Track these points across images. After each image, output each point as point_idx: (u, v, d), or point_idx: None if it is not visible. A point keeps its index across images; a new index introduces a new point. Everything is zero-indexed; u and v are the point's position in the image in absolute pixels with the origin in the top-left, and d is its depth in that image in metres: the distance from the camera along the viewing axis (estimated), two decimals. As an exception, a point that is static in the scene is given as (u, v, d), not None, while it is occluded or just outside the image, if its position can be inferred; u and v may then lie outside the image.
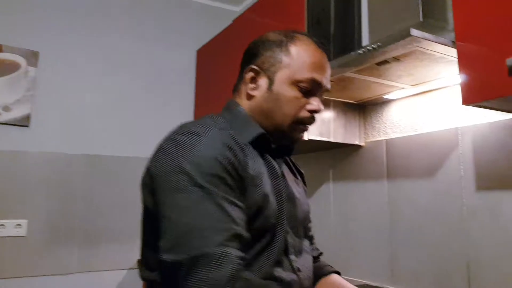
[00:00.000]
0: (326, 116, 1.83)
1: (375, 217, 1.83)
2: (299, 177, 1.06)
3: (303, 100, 0.90)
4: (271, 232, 0.83)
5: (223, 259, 0.68)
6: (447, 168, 1.57)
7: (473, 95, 1.13)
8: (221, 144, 0.78)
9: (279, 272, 0.82)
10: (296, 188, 0.96)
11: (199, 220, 0.70)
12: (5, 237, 2.06)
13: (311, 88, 0.90)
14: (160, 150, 0.79)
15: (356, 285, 0.96)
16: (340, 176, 2.03)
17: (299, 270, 0.87)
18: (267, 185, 0.84)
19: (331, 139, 1.83)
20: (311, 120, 0.92)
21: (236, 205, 0.75)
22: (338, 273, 1.05)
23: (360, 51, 1.25)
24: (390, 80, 1.53)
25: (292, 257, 0.87)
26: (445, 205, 1.56)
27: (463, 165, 1.51)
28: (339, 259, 1.95)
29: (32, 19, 2.32)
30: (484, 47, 1.11)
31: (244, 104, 0.92)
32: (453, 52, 1.22)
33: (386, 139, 1.83)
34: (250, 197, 0.79)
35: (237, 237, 0.72)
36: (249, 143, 0.86)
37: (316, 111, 0.91)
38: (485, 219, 1.43)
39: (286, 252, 0.85)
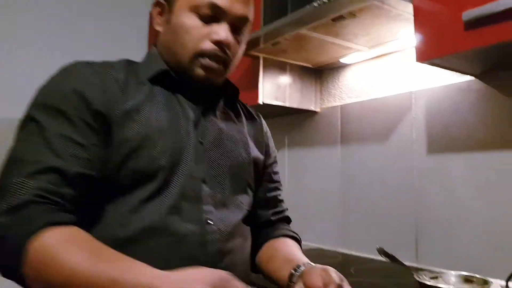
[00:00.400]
0: (282, 80, 1.78)
1: (328, 182, 1.82)
2: (247, 126, 0.98)
3: (205, 29, 0.80)
4: (162, 175, 0.75)
5: (17, 189, 0.62)
6: (400, 132, 1.56)
7: (428, 52, 1.11)
8: (78, 79, 0.73)
9: (173, 221, 0.74)
10: (230, 136, 0.89)
11: (20, 153, 0.67)
12: None
13: (213, 15, 0.80)
14: None
15: (308, 249, 0.93)
16: (295, 142, 2.00)
17: (208, 222, 0.78)
18: (154, 124, 0.76)
19: (287, 104, 1.79)
20: (216, 52, 0.81)
21: (72, 140, 0.68)
22: (296, 239, 0.99)
23: (315, 4, 1.20)
24: (346, 40, 1.48)
25: (207, 207, 0.79)
26: (397, 168, 1.56)
27: (415, 129, 1.51)
28: (291, 224, 1.94)
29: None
30: (440, 2, 1.08)
31: (157, 42, 0.88)
32: (410, 8, 1.19)
33: (341, 105, 1.80)
34: (120, 133, 0.73)
35: (52, 170, 0.65)
36: (149, 80, 0.81)
37: (220, 42, 0.80)
38: (434, 180, 1.44)
39: (195, 200, 0.78)
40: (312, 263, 0.78)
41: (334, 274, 0.70)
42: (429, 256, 1.42)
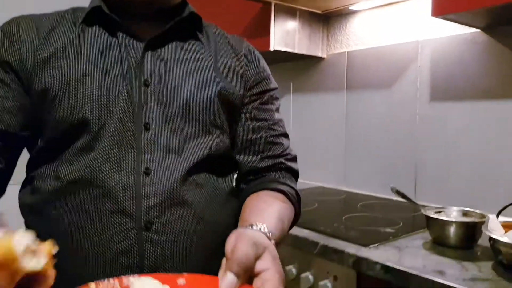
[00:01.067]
0: (292, 26, 1.82)
1: (332, 127, 1.93)
2: (216, 56, 0.83)
3: None
4: (93, 125, 0.70)
5: None
6: (405, 80, 1.66)
7: (444, 7, 1.18)
8: None
9: (103, 172, 0.69)
10: (185, 71, 0.77)
11: None
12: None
13: None
14: None
15: (313, 188, 0.92)
16: (301, 88, 2.08)
17: (147, 172, 0.70)
18: (76, 69, 0.71)
19: (296, 50, 1.84)
20: None
21: None
22: (283, 192, 0.79)
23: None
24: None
25: (148, 156, 0.71)
26: (399, 114, 1.68)
27: (420, 77, 1.61)
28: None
29: None
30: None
31: None
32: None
33: (348, 51, 1.87)
34: (39, 83, 0.71)
35: None
36: (84, 23, 0.76)
37: None
38: (436, 127, 1.56)
39: (132, 149, 0.71)
40: (260, 229, 0.61)
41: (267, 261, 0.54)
42: (427, 195, 1.58)
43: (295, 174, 0.88)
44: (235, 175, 0.87)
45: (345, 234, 1.17)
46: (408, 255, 1.02)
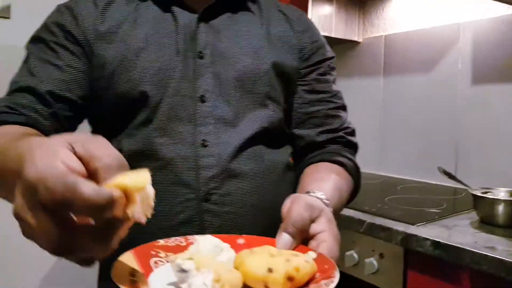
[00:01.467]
0: (329, 10, 1.82)
1: (368, 112, 1.93)
2: (271, 27, 0.81)
3: None
4: (151, 99, 0.71)
5: None
6: (445, 63, 1.64)
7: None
8: (60, 9, 0.76)
9: (161, 145, 0.70)
10: (239, 42, 0.77)
11: (11, 80, 0.75)
12: None
13: None
14: None
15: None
16: (338, 73, 2.07)
17: (204, 144, 0.71)
18: (133, 43, 0.72)
19: (332, 35, 1.85)
20: None
21: (49, 62, 0.73)
22: (342, 164, 0.78)
23: None
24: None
25: (204, 128, 0.71)
26: (439, 97, 1.66)
27: (461, 59, 1.59)
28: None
29: None
30: None
31: None
32: None
33: (385, 35, 1.86)
34: (99, 57, 0.73)
35: (24, 89, 0.71)
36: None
37: None
38: (476, 109, 1.55)
39: (189, 121, 0.71)
40: (317, 196, 0.62)
41: (322, 222, 0.55)
42: (468, 178, 1.57)
43: (354, 148, 0.87)
44: (291, 149, 0.85)
45: (391, 213, 1.18)
46: (457, 232, 1.03)
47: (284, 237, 0.53)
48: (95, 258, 0.38)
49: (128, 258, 0.48)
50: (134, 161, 0.67)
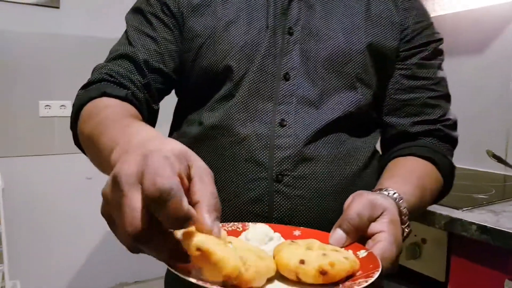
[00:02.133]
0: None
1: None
2: (372, 4, 0.75)
3: None
4: (235, 74, 0.70)
5: (96, 70, 0.74)
6: (498, 44, 1.56)
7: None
8: None
9: (238, 121, 0.70)
10: (332, 19, 0.73)
11: (112, 47, 0.78)
12: (52, 117, 2.14)
13: None
14: None
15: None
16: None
17: (282, 124, 0.69)
18: (223, 17, 0.72)
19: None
20: None
21: (145, 34, 0.74)
22: (433, 161, 0.72)
23: None
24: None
25: (285, 107, 0.69)
26: (491, 80, 1.59)
27: (516, 40, 1.51)
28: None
29: None
30: None
31: None
32: None
33: (435, 16, 1.79)
34: (190, 30, 0.73)
35: (122, 57, 0.73)
36: None
37: None
38: (532, 93, 1.46)
39: (269, 99, 0.70)
40: (389, 194, 0.58)
41: (385, 221, 0.52)
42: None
43: (453, 143, 0.79)
44: (379, 137, 0.80)
45: (435, 198, 1.15)
46: (506, 218, 0.98)
47: (337, 233, 0.51)
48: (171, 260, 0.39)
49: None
50: (212, 135, 0.71)
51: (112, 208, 0.38)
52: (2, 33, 1.92)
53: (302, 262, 0.43)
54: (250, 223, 0.56)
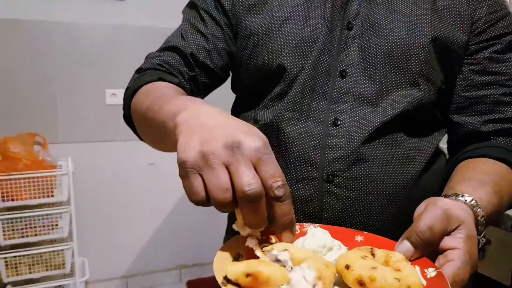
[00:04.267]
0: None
1: None
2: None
3: None
4: (289, 72, 0.69)
5: (149, 59, 0.77)
6: None
7: None
8: None
9: (289, 120, 0.69)
10: (395, 12, 0.68)
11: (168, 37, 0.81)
12: (118, 105, 2.25)
13: None
14: None
15: None
16: None
17: (336, 123, 0.67)
18: (278, 14, 0.70)
19: None
20: None
21: (197, 29, 0.75)
22: (508, 162, 0.66)
23: None
24: None
25: (340, 106, 0.67)
26: None
27: None
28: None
29: None
30: None
31: None
32: None
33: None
34: (245, 28, 0.73)
35: (173, 49, 0.75)
36: None
37: None
38: None
39: (323, 98, 0.68)
40: (466, 200, 0.53)
41: (459, 237, 0.47)
42: None
43: None
44: (443, 138, 0.75)
45: (502, 197, 1.07)
46: None
47: (403, 245, 0.47)
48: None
49: (236, 242, 0.48)
50: (266, 133, 0.68)
51: (213, 165, 0.41)
52: (71, 26, 2.04)
53: (347, 267, 0.42)
54: (309, 225, 0.53)
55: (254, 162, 0.42)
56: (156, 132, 0.60)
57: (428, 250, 0.47)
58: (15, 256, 1.75)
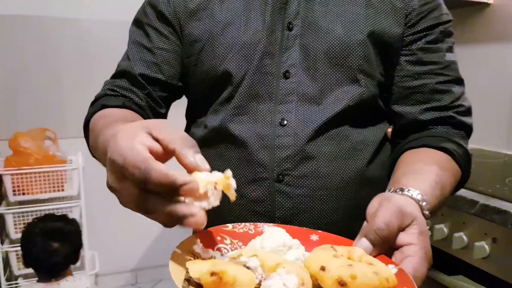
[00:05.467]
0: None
1: (498, 84, 1.71)
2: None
3: None
4: (234, 77, 0.69)
5: (103, 87, 0.78)
6: None
7: None
8: None
9: (237, 123, 0.69)
10: (332, 10, 0.69)
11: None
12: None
13: None
14: None
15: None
16: (461, 38, 1.88)
17: (282, 123, 0.68)
18: (220, 18, 0.70)
19: (457, -4, 1.67)
20: None
21: (142, 46, 0.75)
22: (449, 152, 0.68)
23: None
24: None
25: (285, 106, 0.68)
26: None
27: None
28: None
29: None
30: None
31: None
32: None
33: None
34: (188, 36, 0.73)
35: (122, 73, 0.76)
36: None
37: None
38: None
39: (269, 99, 0.69)
40: (412, 195, 0.54)
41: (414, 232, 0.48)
42: None
43: (467, 130, 0.74)
44: (387, 128, 0.77)
45: (509, 196, 1.06)
46: None
47: (362, 243, 0.47)
48: (170, 224, 0.42)
49: (191, 242, 0.47)
50: (215, 138, 0.72)
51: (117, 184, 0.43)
52: (81, 22, 2.06)
53: (322, 268, 0.40)
54: (264, 225, 0.53)
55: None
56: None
57: (386, 248, 0.47)
58: (26, 249, 1.78)
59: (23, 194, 1.79)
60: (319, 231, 0.53)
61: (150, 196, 0.41)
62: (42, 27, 1.99)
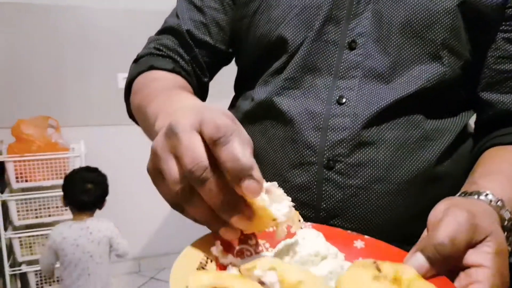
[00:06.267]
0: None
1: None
2: None
3: None
4: (290, 44, 0.60)
5: (147, 44, 0.72)
6: None
7: None
8: None
9: (285, 98, 0.61)
10: None
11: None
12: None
13: None
14: None
15: None
16: None
17: (340, 101, 0.58)
18: None
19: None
20: None
21: (192, 3, 0.70)
22: None
23: None
24: None
25: (346, 82, 0.58)
26: None
27: None
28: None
29: None
30: None
31: None
32: None
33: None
34: None
35: (169, 30, 0.71)
36: None
37: None
38: None
39: (327, 73, 0.59)
40: (490, 200, 0.44)
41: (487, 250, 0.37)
42: None
43: None
44: (470, 118, 0.65)
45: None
46: None
47: (416, 260, 0.37)
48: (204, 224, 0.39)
49: (209, 242, 0.39)
50: (262, 112, 0.64)
51: (162, 160, 0.36)
52: (84, 9, 2.05)
53: None
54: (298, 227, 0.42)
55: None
56: (148, 131, 0.59)
57: (447, 268, 0.37)
58: (29, 236, 1.80)
59: (26, 181, 1.80)
60: (366, 236, 0.44)
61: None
62: (45, 15, 1.98)
